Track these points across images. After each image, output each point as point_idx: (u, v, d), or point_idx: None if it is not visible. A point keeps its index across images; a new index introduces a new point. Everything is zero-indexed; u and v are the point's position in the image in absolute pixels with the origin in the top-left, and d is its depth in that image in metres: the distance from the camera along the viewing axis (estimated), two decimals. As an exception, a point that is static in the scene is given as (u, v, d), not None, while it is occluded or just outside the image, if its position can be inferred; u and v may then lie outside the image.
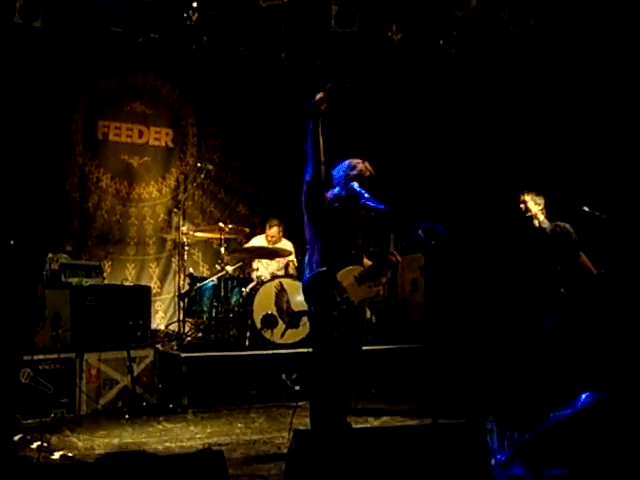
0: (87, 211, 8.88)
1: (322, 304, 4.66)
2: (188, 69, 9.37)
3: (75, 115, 8.84)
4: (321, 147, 4.67)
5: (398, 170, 9.08)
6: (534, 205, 6.43)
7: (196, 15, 7.88)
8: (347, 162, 4.87)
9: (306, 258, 4.79)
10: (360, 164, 4.82)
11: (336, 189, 4.83)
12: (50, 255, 7.24)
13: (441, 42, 8.35)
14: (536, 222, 6.45)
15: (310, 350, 4.88)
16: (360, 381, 4.92)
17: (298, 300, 7.24)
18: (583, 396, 4.43)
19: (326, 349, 4.70)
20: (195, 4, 7.80)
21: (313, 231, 4.78)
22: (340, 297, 4.60)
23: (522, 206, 6.45)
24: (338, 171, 4.85)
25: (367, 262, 4.82)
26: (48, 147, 8.52)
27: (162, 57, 9.13)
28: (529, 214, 6.44)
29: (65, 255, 7.52)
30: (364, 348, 4.96)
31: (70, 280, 7.07)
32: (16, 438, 5.19)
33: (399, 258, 4.79)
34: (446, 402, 5.53)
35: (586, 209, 6.25)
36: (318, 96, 4.66)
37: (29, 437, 5.30)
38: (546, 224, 6.45)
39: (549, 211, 6.50)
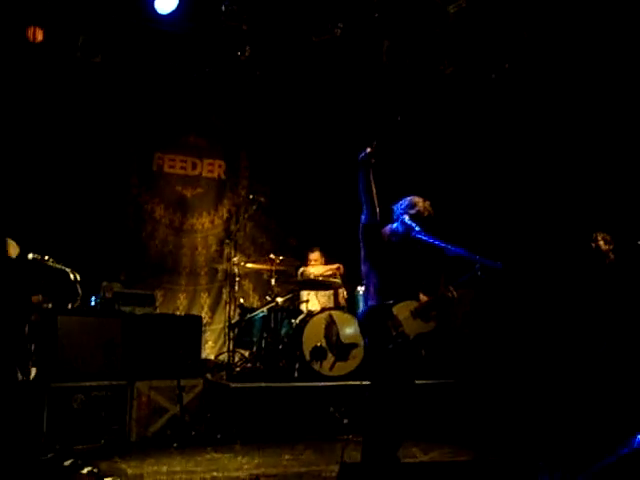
0: (141, 241, 9.06)
1: (377, 337, 4.66)
2: (240, 103, 9.53)
3: (131, 147, 9.06)
4: (374, 193, 4.77)
5: (456, 204, 8.91)
6: (605, 244, 6.87)
7: (248, 50, 8.05)
8: (408, 199, 4.93)
9: (362, 292, 4.81)
10: (420, 203, 4.87)
11: (394, 224, 4.89)
12: (104, 283, 7.38)
13: (493, 76, 8.30)
14: (607, 259, 6.87)
15: (359, 383, 4.86)
16: (412, 415, 4.84)
17: (348, 332, 7.24)
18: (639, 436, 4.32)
19: (381, 382, 4.69)
20: (248, 39, 7.96)
21: (369, 265, 4.82)
22: (396, 331, 4.61)
23: (594, 244, 6.91)
24: (398, 207, 4.93)
25: (423, 297, 4.84)
26: (105, 177, 8.73)
27: (216, 91, 9.31)
28: (601, 252, 6.87)
29: (119, 284, 7.66)
30: (417, 382, 4.93)
31: (123, 309, 7.19)
32: (67, 463, 5.30)
33: (455, 294, 4.77)
34: (495, 438, 5.43)
35: (640, 243, 6.34)
36: (367, 151, 4.75)
37: (80, 462, 5.38)
38: (616, 261, 6.85)
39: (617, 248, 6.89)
